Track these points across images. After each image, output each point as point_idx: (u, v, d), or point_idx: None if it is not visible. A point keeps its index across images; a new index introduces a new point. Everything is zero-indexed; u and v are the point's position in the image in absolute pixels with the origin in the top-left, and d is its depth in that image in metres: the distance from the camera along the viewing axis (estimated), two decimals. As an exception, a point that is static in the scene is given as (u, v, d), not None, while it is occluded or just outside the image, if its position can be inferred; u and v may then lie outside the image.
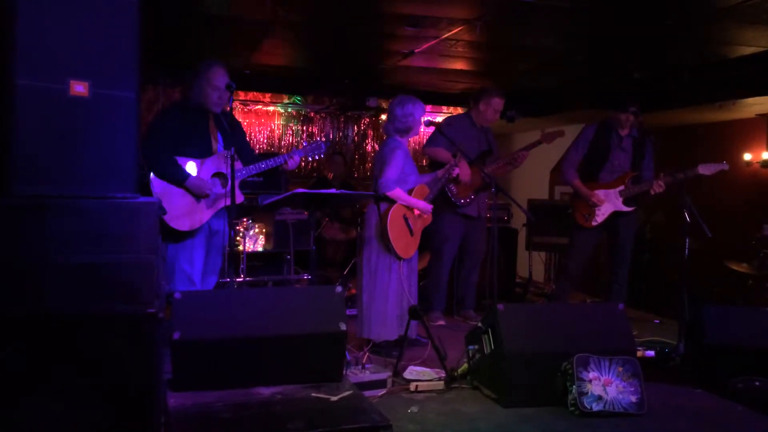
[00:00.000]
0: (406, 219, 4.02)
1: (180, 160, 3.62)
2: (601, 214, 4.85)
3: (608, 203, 4.85)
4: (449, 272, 4.98)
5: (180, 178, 3.59)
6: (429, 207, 4.12)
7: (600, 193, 4.86)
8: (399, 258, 3.98)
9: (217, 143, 3.76)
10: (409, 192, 4.08)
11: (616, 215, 4.87)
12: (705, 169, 4.59)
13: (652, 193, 4.71)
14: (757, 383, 3.14)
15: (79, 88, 2.29)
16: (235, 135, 3.70)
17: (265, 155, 3.93)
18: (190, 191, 3.61)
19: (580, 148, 5.00)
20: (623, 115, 4.82)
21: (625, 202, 4.83)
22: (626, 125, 4.87)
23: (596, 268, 5.91)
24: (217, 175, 3.72)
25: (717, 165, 4.60)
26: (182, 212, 3.59)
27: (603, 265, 5.20)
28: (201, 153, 3.69)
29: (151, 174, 3.57)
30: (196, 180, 3.61)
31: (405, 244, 4.01)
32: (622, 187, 4.83)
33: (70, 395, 2.23)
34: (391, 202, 4.00)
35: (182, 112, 3.75)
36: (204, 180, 3.65)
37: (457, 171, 4.36)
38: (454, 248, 4.95)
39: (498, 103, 4.98)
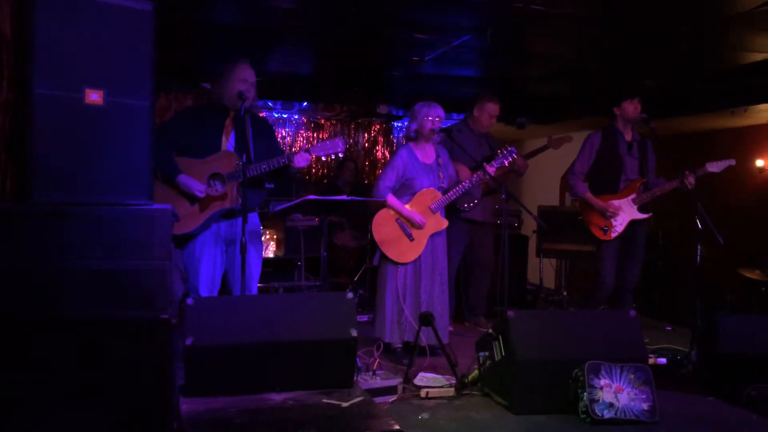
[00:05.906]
0: (401, 223, 4.01)
1: (179, 159, 3.44)
2: (620, 224, 4.68)
3: (624, 213, 4.69)
4: (456, 278, 4.97)
5: (171, 175, 3.40)
6: (417, 216, 3.99)
7: (615, 203, 4.69)
8: (395, 263, 3.98)
9: (229, 142, 3.54)
10: (412, 195, 4.06)
11: (631, 223, 4.72)
12: (713, 167, 4.51)
13: (689, 188, 4.43)
14: (770, 391, 3.13)
15: (95, 97, 2.33)
16: (258, 136, 3.52)
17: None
18: (183, 191, 3.42)
19: (586, 158, 4.82)
20: (631, 105, 4.69)
21: (640, 209, 4.72)
22: (634, 114, 4.68)
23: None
24: (215, 176, 3.48)
25: (724, 162, 4.52)
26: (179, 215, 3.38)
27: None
28: (206, 151, 3.48)
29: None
30: (184, 178, 3.40)
31: (399, 248, 3.99)
32: (634, 195, 4.68)
33: (84, 399, 2.25)
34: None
35: (196, 111, 3.69)
36: (193, 179, 3.41)
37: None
38: (459, 253, 4.93)
39: (492, 108, 4.98)
